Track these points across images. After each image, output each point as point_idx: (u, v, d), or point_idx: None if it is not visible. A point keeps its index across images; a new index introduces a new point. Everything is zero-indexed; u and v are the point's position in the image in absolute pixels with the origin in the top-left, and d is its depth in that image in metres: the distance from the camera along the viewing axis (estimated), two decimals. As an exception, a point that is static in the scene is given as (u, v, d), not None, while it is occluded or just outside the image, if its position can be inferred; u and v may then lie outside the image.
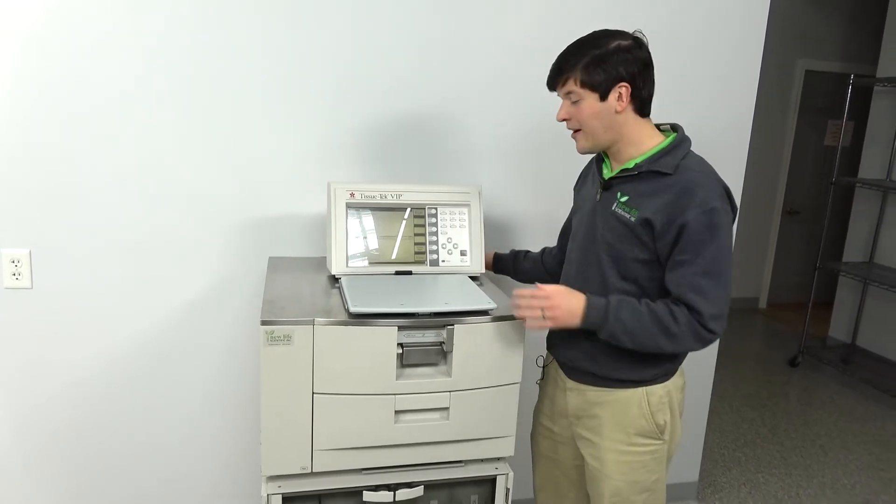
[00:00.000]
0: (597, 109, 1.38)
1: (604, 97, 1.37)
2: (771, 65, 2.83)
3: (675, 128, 1.47)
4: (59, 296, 1.86)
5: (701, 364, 2.48)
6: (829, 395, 3.78)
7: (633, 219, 1.39)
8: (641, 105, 1.41)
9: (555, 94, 1.46)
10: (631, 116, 1.40)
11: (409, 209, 1.70)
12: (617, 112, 1.38)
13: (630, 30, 1.42)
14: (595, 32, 1.41)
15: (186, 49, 1.79)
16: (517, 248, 1.88)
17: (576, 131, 1.44)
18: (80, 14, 1.71)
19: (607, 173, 1.48)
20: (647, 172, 1.39)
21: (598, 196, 1.48)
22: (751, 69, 2.24)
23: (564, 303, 1.38)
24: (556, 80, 1.42)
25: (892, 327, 4.03)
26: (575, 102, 1.40)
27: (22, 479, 1.96)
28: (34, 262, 1.82)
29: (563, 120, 1.44)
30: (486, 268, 1.84)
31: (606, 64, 1.36)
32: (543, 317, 1.38)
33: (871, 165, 4.22)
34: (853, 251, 4.33)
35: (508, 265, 1.86)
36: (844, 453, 3.09)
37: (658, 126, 1.47)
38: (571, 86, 1.39)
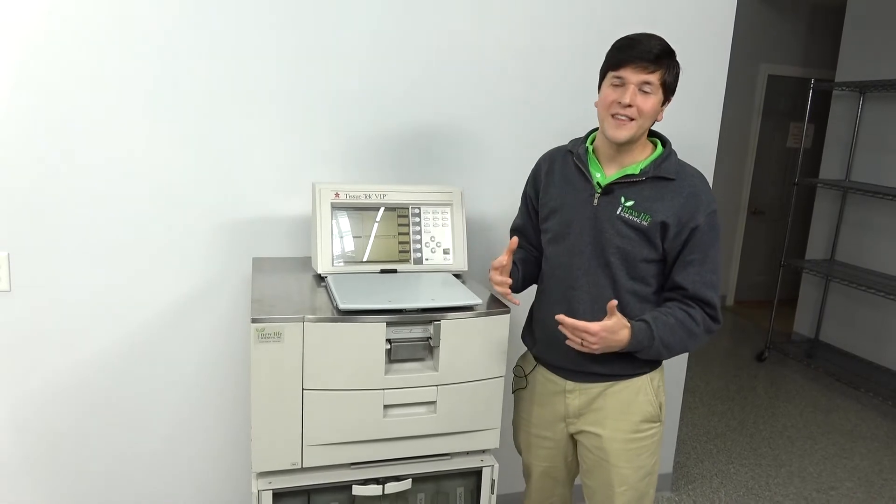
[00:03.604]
0: (655, 109, 1.43)
1: (662, 103, 1.44)
2: (736, 70, 2.93)
3: (654, 134, 1.53)
4: (38, 299, 1.84)
5: (672, 360, 2.53)
6: (794, 388, 3.90)
7: (645, 223, 1.44)
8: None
9: (612, 77, 1.42)
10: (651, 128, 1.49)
11: (393, 209, 1.73)
12: (656, 119, 1.46)
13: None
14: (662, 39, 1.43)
15: (169, 51, 1.79)
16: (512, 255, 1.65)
17: (629, 119, 1.41)
18: (58, 15, 1.70)
19: (602, 178, 1.49)
20: (652, 178, 1.45)
21: (596, 201, 1.48)
22: (718, 74, 2.32)
23: (604, 343, 1.38)
24: (648, 65, 1.38)
25: (853, 322, 4.18)
26: (646, 93, 1.40)
27: (8, 482, 1.93)
28: (13, 265, 1.80)
29: (628, 106, 1.40)
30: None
31: (677, 74, 1.45)
32: (581, 344, 1.40)
33: (831, 166, 4.36)
34: (815, 249, 4.47)
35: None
36: (810, 443, 3.20)
37: None
38: (655, 78, 1.40)
